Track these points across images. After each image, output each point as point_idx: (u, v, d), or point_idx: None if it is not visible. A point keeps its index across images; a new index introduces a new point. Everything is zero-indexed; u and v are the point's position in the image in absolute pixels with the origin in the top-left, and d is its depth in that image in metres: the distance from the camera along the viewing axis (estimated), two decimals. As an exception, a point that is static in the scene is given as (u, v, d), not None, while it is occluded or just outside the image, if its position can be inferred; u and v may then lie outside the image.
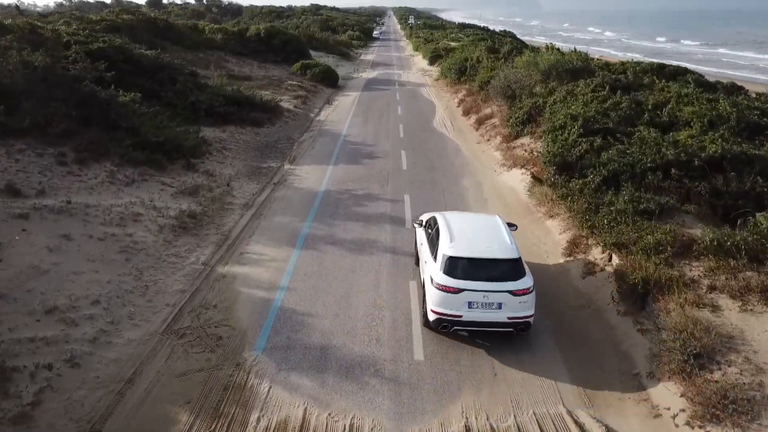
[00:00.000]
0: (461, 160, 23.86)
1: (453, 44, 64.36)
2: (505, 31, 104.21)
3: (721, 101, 19.24)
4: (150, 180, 18.56)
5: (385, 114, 33.80)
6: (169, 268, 13.47)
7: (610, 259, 12.77)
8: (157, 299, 12.13)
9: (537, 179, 17.76)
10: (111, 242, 13.96)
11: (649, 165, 15.37)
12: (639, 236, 12.38)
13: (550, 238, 15.39)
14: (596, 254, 13.43)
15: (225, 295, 12.50)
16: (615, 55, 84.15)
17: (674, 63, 36.82)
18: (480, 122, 29.32)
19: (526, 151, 21.83)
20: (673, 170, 15.05)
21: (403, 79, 50.06)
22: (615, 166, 15.53)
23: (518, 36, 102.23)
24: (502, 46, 41.42)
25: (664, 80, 25.26)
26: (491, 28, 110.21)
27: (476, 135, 28.20)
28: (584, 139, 17.35)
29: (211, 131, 26.11)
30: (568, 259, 13.97)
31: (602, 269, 12.78)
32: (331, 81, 44.02)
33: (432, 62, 58.16)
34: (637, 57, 57.12)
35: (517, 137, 23.96)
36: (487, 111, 30.47)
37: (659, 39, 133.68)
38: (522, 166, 20.82)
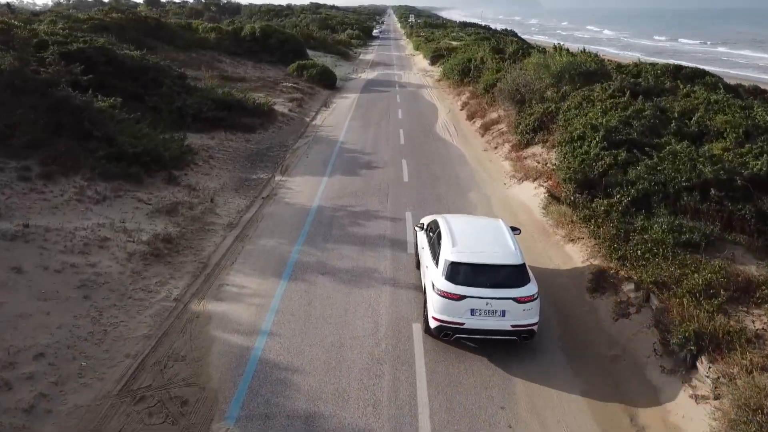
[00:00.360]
0: (467, 171, 21.94)
1: (454, 44, 62.42)
2: (506, 30, 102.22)
3: (755, 108, 17.31)
4: (124, 196, 16.65)
5: (385, 118, 31.87)
6: (134, 307, 11.56)
7: (647, 299, 10.87)
8: (115, 348, 10.23)
9: (554, 197, 15.84)
10: (69, 275, 12.05)
11: (683, 184, 13.46)
12: (682, 274, 10.48)
13: (571, 267, 13.49)
14: (629, 291, 11.53)
15: (197, 342, 10.59)
16: (615, 54, 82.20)
17: (679, 63, 34.84)
18: (486, 128, 27.39)
19: (538, 162, 19.91)
20: (712, 190, 13.14)
21: (403, 80, 48.12)
22: (645, 185, 13.62)
23: (518, 35, 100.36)
24: (508, 46, 39.44)
25: (683, 84, 23.34)
26: (492, 27, 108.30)
27: (482, 142, 26.28)
28: (607, 153, 15.43)
29: (198, 138, 24.22)
30: (595, 295, 12.06)
31: (638, 311, 10.88)
32: (328, 82, 42.09)
33: (433, 62, 56.21)
34: (637, 56, 55.23)
35: (527, 146, 22.05)
36: (494, 116, 28.54)
37: (658, 38, 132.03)
38: (535, 179, 18.91)
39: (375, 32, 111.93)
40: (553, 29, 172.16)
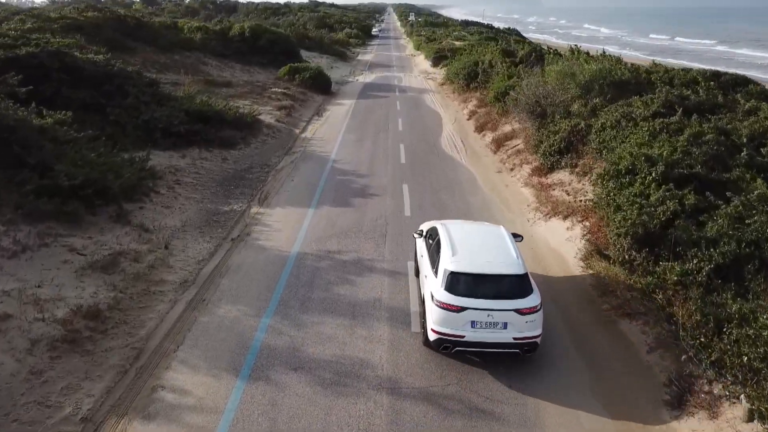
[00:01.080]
0: (480, 199, 18.31)
1: (457, 44, 58.70)
2: (509, 28, 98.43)
3: None
4: (53, 245, 13.02)
5: (383, 130, 28.19)
6: (18, 437, 7.95)
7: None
8: None
9: (599, 252, 12.20)
10: (-66, 383, 8.44)
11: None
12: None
13: (632, 360, 9.86)
14: (730, 412, 7.92)
15: None
16: (615, 53, 78.38)
17: (685, 63, 31.12)
18: (498, 143, 23.72)
19: (568, 193, 16.29)
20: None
21: (403, 83, 44.39)
22: (732, 246, 9.97)
23: (521, 34, 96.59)
24: (518, 47, 35.69)
25: (729, 94, 19.69)
26: (495, 25, 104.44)
27: (495, 160, 22.63)
28: (669, 194, 11.78)
29: (166, 158, 20.65)
30: (676, 413, 8.44)
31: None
32: (322, 87, 38.39)
33: (435, 64, 52.48)
34: (636, 54, 51.73)
35: (551, 170, 18.42)
36: (507, 129, 24.88)
37: (655, 36, 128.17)
38: (566, 216, 15.28)
39: (374, 31, 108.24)
40: (551, 27, 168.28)
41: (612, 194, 12.81)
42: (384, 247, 14.63)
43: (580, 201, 14.94)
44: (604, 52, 30.86)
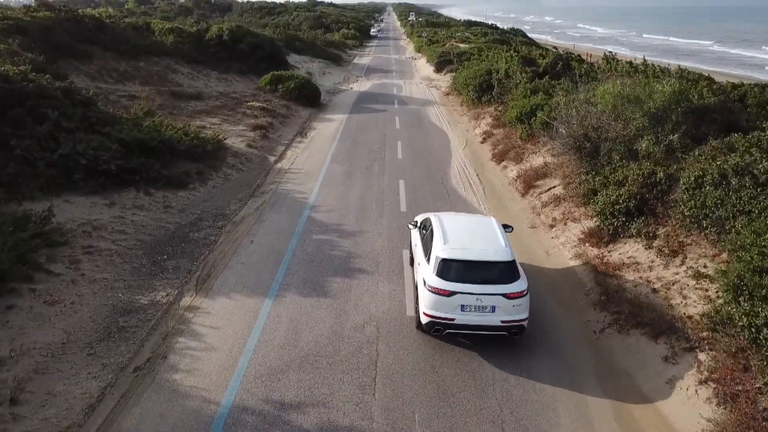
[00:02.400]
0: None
1: (462, 46, 52.95)
2: (514, 29, 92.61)
3: None
4: None
5: (379, 158, 22.50)
6: None
7: None
8: None
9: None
10: None
11: None
12: None
13: None
14: None
15: None
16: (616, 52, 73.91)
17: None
18: (527, 183, 18.04)
19: (653, 286, 10.61)
20: None
21: (404, 92, 38.62)
22: None
23: (527, 34, 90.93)
24: (537, 52, 29.88)
25: None
26: (498, 25, 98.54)
27: (524, 207, 16.99)
28: None
29: (86, 208, 15.18)
30: None
31: None
32: (309, 99, 32.68)
33: (439, 69, 46.76)
34: (640, 55, 46.49)
35: (615, 237, 12.76)
36: (536, 162, 19.21)
37: (648, 35, 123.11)
38: (658, 335, 9.61)
39: (373, 31, 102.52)
40: (547, 27, 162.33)
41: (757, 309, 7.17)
42: (373, 396, 8.94)
43: (682, 308, 9.24)
44: (644, 60, 25.23)
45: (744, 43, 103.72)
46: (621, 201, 12.66)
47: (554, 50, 27.13)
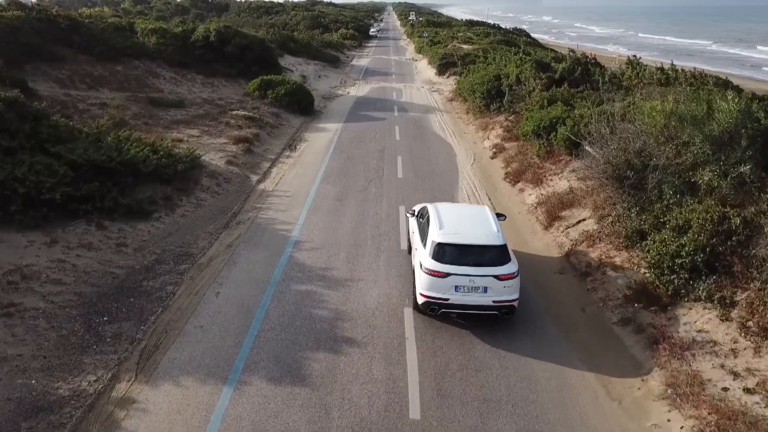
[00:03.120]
0: (560, 353, 9.78)
1: (465, 47, 50.03)
2: (517, 29, 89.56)
3: None
4: None
5: (376, 177, 19.60)
6: None
7: None
8: None
9: None
10: None
11: None
12: None
13: None
14: None
15: None
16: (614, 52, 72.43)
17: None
18: (551, 212, 15.15)
19: (743, 385, 7.73)
20: None
21: (404, 98, 35.69)
22: None
23: (530, 35, 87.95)
24: (560, 57, 26.91)
25: None
26: (499, 25, 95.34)
27: (549, 244, 14.12)
28: None
29: (20, 246, 12.71)
30: None
31: None
32: (301, 106, 29.77)
33: (441, 72, 43.82)
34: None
35: (675, 300, 9.84)
36: (560, 186, 16.33)
37: (660, 36, 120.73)
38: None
39: (372, 31, 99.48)
40: (546, 26, 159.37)
41: None
42: None
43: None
44: (672, 64, 22.35)
45: (741, 43, 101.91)
46: (684, 253, 9.76)
47: (572, 53, 24.12)
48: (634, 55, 24.14)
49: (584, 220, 14.04)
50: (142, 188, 16.31)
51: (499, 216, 12.15)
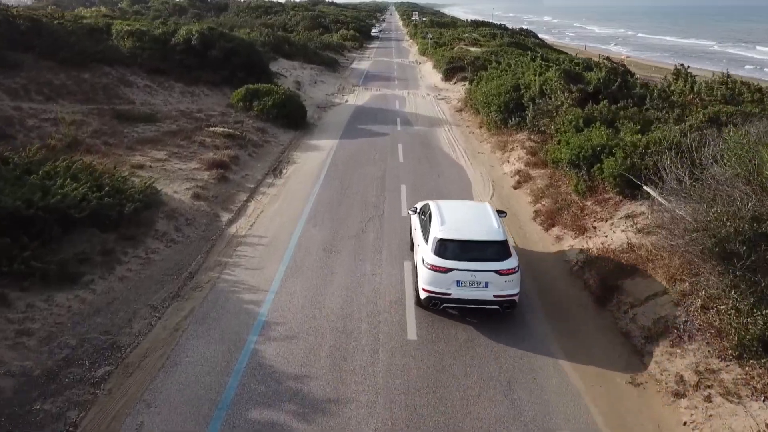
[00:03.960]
0: None
1: (473, 50, 46.08)
2: (524, 30, 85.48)
3: None
4: None
5: (375, 216, 15.70)
6: None
7: None
8: None
9: None
10: None
11: None
12: None
13: None
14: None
15: None
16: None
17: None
18: (604, 280, 11.23)
19: None
20: None
21: (408, 108, 31.77)
22: None
23: (538, 36, 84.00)
24: (589, 67, 22.89)
25: None
26: (502, 26, 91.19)
27: (609, 327, 10.20)
28: None
29: None
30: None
31: None
32: (292, 119, 25.89)
33: (448, 77, 39.87)
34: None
35: None
36: (615, 240, 12.38)
37: (660, 36, 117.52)
38: None
39: (374, 32, 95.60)
40: (546, 26, 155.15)
41: None
42: None
43: None
44: (728, 76, 18.43)
45: (741, 43, 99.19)
46: None
47: (606, 62, 20.09)
48: (681, 65, 20.18)
49: (656, 296, 10.15)
50: (74, 240, 12.50)
51: (500, 213, 12.06)
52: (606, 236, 12.68)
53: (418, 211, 12.73)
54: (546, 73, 22.06)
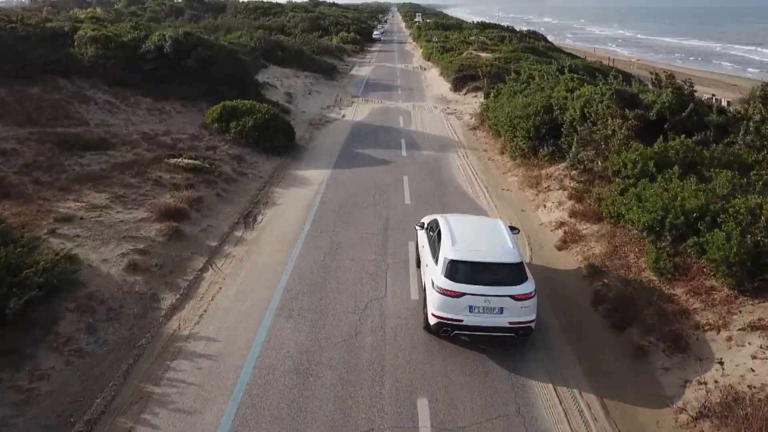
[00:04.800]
0: None
1: (483, 55, 41.51)
2: (531, 31, 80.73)
3: None
4: None
5: (376, 300, 11.17)
6: None
7: None
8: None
9: None
10: None
11: None
12: None
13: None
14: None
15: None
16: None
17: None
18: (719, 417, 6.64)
19: None
20: None
21: (413, 125, 27.20)
22: None
23: (547, 39, 79.39)
24: (630, 82, 18.31)
25: None
26: (504, 28, 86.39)
27: None
28: None
29: None
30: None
31: None
32: (276, 143, 21.35)
33: (457, 87, 35.27)
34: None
35: None
36: (750, 378, 7.77)
37: (659, 37, 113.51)
38: None
39: (375, 34, 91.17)
40: (546, 27, 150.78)
41: None
42: None
43: None
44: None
45: (745, 44, 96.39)
46: None
47: (670, 80, 15.46)
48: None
49: None
50: None
51: (513, 229, 11.09)
52: (723, 364, 8.14)
53: (425, 226, 11.80)
54: (581, 88, 17.47)
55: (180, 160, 17.84)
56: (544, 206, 15.46)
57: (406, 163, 20.51)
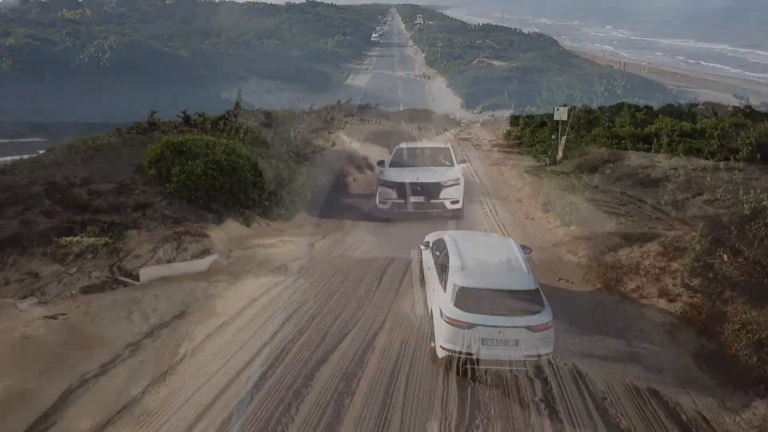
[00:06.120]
0: None
1: (496, 63, 35.27)
2: (541, 34, 74.58)
3: None
4: None
5: None
6: None
7: None
8: None
9: None
10: None
11: None
12: None
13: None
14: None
15: None
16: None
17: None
18: None
19: None
20: None
21: (422, 176, 20.74)
22: None
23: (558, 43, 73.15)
24: None
25: None
26: (520, 30, 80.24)
27: None
28: None
29: None
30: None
31: None
32: (235, 195, 15.06)
33: (470, 102, 29.00)
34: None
35: None
36: None
37: (659, 38, 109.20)
38: None
39: (374, 36, 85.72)
40: (541, 27, 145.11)
41: None
42: None
43: None
44: None
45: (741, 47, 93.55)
46: None
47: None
48: None
49: None
50: None
51: (525, 249, 9.91)
52: None
53: (430, 245, 10.63)
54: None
55: (79, 238, 11.64)
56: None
57: (418, 234, 14.18)
